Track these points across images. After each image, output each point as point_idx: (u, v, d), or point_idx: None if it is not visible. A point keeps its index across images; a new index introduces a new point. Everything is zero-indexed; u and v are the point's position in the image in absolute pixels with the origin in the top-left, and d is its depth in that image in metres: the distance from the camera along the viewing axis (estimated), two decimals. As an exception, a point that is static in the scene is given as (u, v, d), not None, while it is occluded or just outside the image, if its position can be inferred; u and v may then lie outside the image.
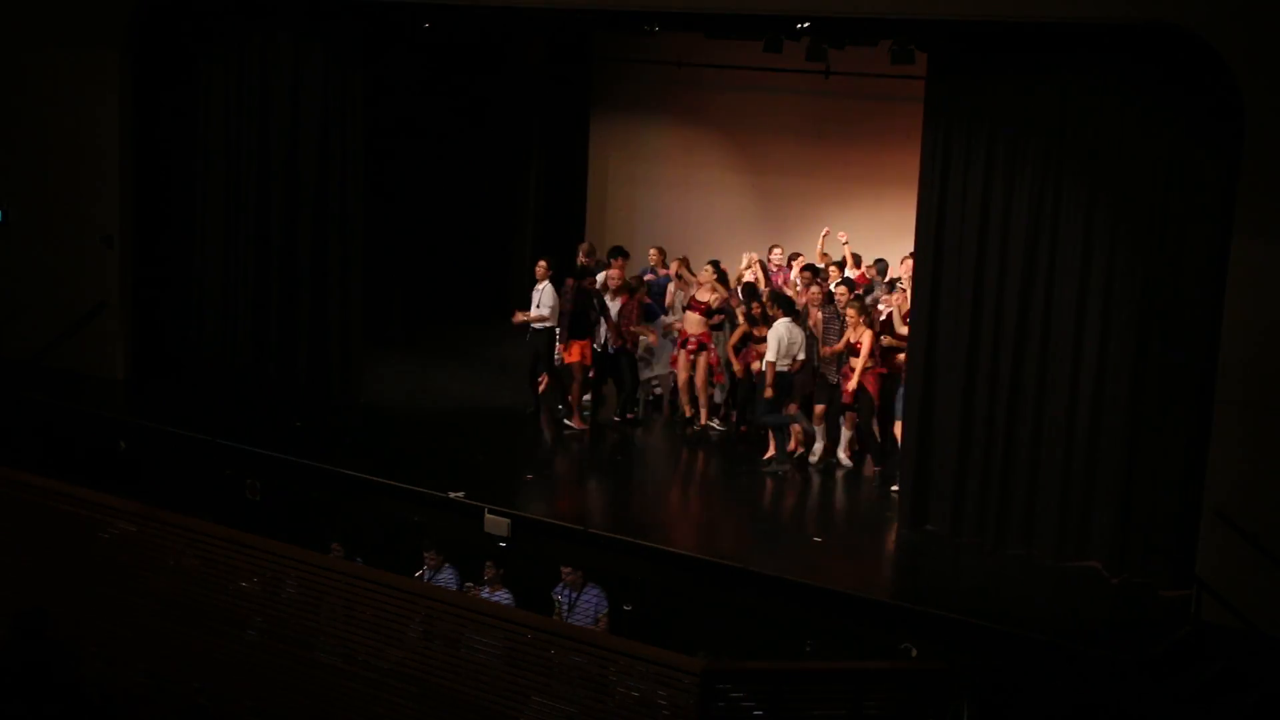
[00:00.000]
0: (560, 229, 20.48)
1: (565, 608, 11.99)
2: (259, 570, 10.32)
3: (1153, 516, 12.19)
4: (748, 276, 16.19)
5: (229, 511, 13.14)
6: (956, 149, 12.77)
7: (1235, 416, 11.53)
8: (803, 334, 14.54)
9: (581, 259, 17.05)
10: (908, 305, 14.03)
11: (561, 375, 15.84)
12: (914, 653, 11.12)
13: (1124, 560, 12.28)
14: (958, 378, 12.86)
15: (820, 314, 14.75)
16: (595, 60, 20.44)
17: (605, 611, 12.02)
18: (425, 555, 12.49)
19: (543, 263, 15.83)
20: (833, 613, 11.67)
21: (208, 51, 16.44)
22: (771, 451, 14.57)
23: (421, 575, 12.40)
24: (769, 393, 14.45)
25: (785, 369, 14.46)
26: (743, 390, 15.41)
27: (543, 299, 15.58)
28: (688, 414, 15.67)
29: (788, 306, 14.72)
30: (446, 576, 12.44)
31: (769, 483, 14.39)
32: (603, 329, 15.58)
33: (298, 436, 15.02)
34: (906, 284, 14.64)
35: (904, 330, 14.00)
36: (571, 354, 15.40)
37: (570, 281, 15.50)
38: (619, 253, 16.04)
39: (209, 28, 16.42)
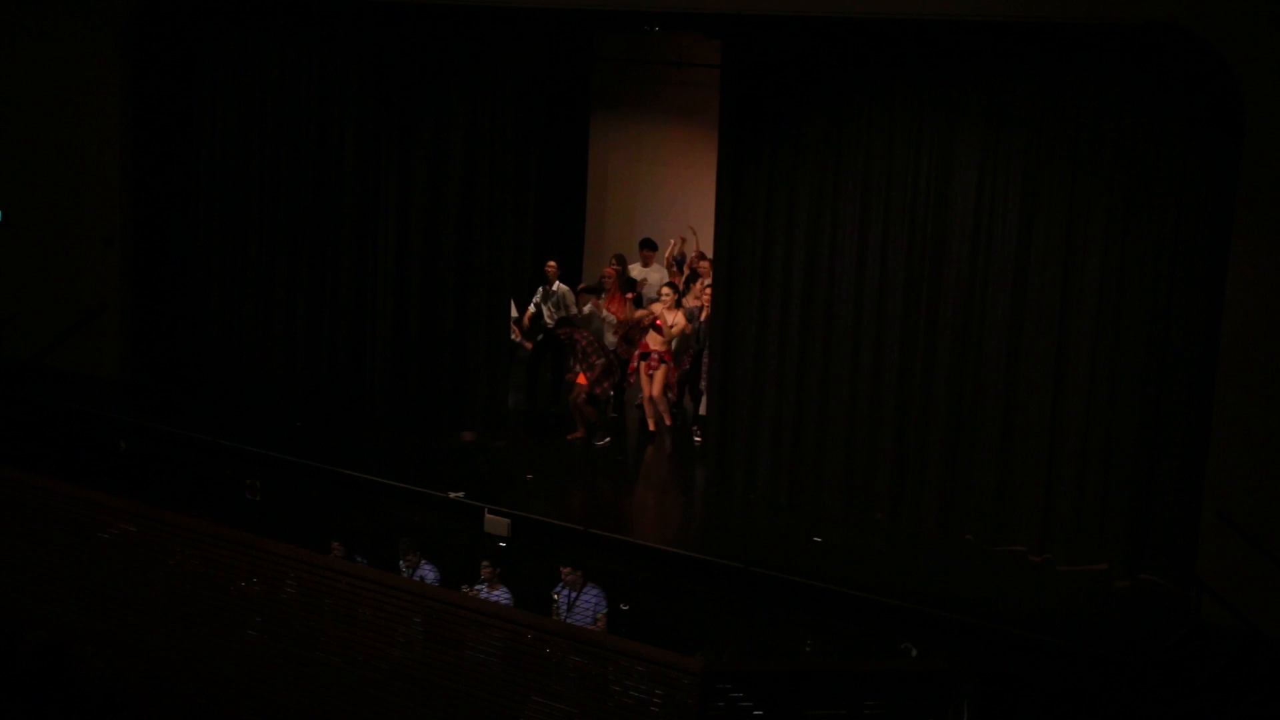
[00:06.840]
0: (560, 229, 20.43)
1: (564, 607, 11.99)
2: (259, 570, 10.32)
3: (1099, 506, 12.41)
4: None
5: (229, 511, 13.15)
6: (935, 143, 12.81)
7: (1235, 416, 11.53)
8: None
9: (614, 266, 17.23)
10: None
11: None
12: (914, 652, 11.12)
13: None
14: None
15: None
16: (595, 60, 20.40)
17: (604, 612, 12.02)
18: (401, 561, 12.52)
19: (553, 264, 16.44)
20: (833, 613, 11.67)
21: (207, 51, 16.42)
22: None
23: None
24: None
25: None
26: None
27: (564, 301, 16.10)
28: (651, 427, 15.49)
29: None
30: (426, 572, 12.47)
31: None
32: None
33: (298, 437, 15.01)
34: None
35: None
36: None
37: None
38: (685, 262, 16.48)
39: (208, 27, 16.39)
